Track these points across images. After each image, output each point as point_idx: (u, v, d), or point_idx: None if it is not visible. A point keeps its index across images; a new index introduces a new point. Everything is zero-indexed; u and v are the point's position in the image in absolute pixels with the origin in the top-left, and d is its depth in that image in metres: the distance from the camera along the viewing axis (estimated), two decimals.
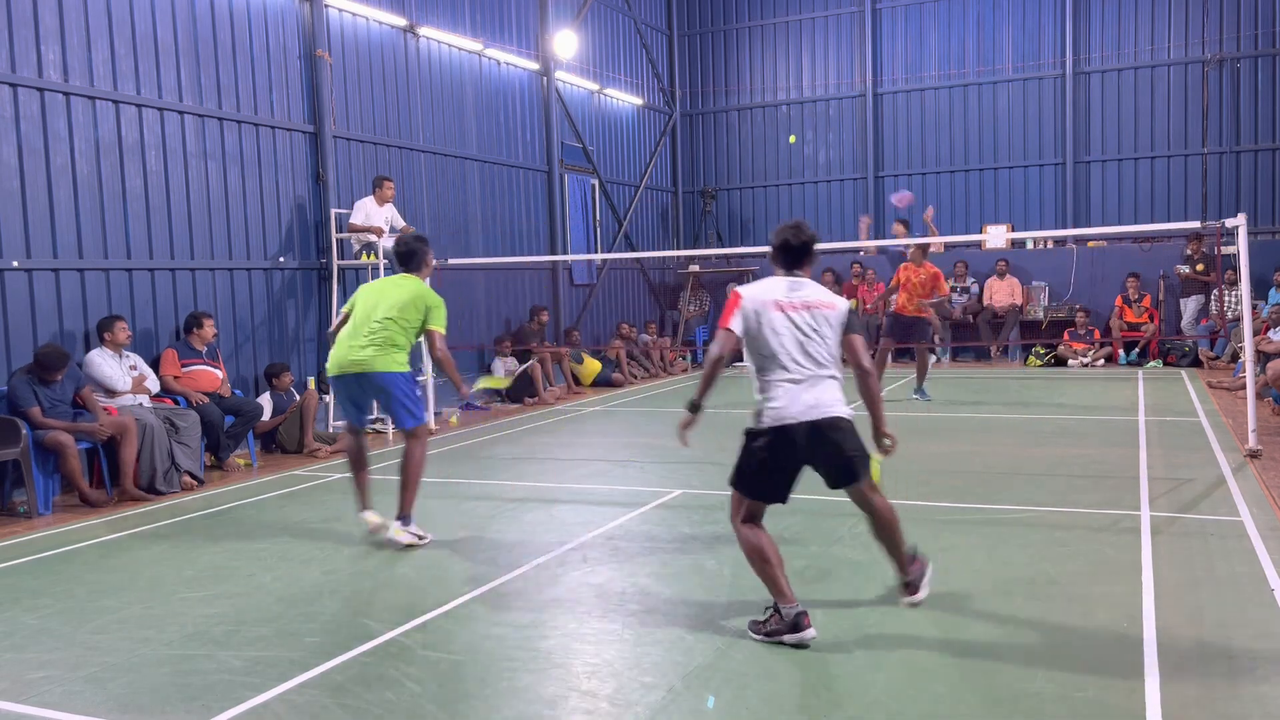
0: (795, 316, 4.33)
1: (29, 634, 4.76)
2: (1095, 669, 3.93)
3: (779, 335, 4.30)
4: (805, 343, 4.31)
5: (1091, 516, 6.35)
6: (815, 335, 4.33)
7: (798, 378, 4.27)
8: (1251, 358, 8.93)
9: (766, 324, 4.31)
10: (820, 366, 4.31)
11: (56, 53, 8.65)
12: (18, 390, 7.56)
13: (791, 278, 4.47)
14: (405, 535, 6.13)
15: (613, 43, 18.07)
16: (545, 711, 3.73)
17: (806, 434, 4.24)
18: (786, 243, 4.48)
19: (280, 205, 10.92)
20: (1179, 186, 17.23)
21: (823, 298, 4.42)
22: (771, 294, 4.38)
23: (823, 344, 4.34)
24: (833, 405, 4.29)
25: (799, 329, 4.31)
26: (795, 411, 4.24)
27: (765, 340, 4.31)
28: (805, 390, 4.26)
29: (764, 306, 4.34)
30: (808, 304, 4.36)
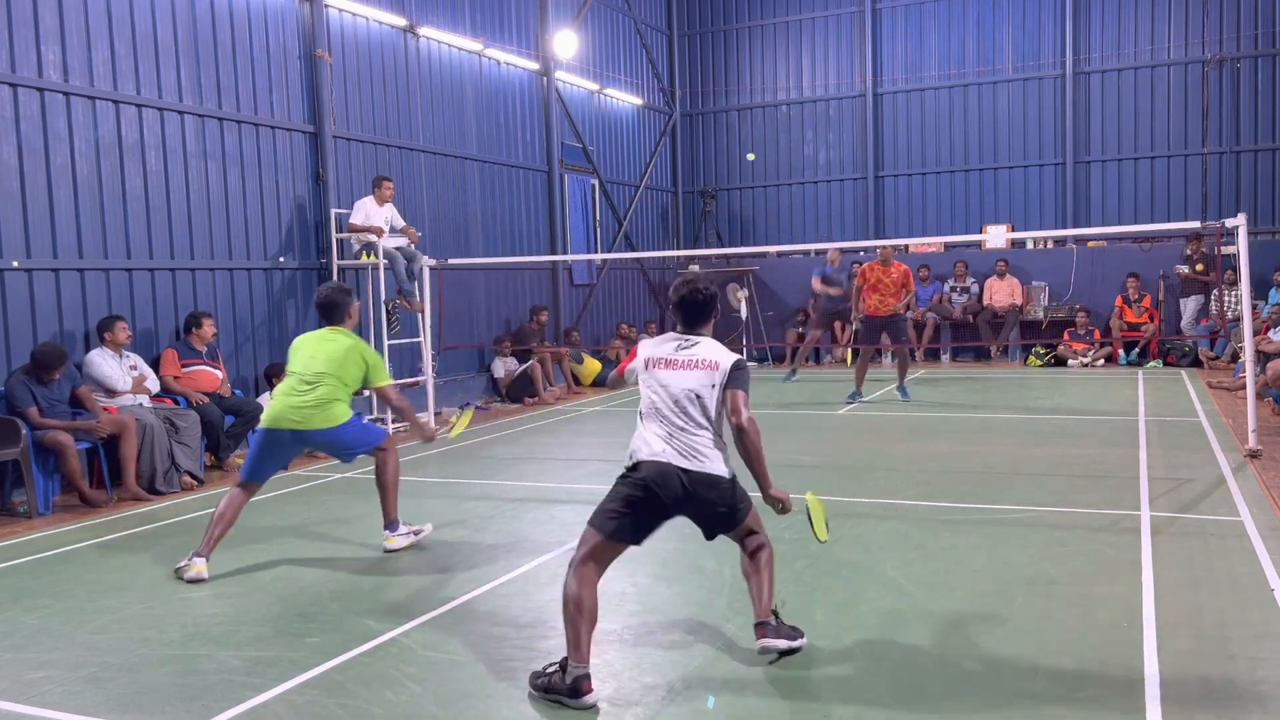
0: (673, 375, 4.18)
1: (29, 634, 4.77)
2: (1095, 669, 3.93)
3: (653, 393, 4.19)
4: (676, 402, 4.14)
5: (1091, 516, 6.35)
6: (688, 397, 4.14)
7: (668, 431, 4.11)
8: (1251, 358, 8.93)
9: (647, 380, 4.24)
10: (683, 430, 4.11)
11: (56, 53, 8.64)
12: (15, 391, 7.57)
13: (686, 336, 4.30)
14: (398, 540, 6.10)
15: (613, 43, 18.07)
16: (545, 711, 3.73)
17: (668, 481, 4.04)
18: (683, 299, 4.30)
19: (280, 205, 10.91)
20: (1179, 186, 17.23)
21: (708, 356, 4.19)
22: (660, 351, 4.27)
23: (695, 408, 4.13)
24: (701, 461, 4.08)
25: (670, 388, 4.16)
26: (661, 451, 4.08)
27: (644, 394, 4.24)
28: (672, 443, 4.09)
29: (650, 361, 4.26)
30: (693, 362, 4.18)
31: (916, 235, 18.49)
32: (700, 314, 4.33)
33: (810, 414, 11.59)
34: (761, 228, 20.08)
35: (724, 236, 20.01)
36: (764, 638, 4.10)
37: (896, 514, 6.51)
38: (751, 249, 18.85)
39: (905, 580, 5.11)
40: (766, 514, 4.36)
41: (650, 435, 4.14)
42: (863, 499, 6.99)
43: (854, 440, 9.62)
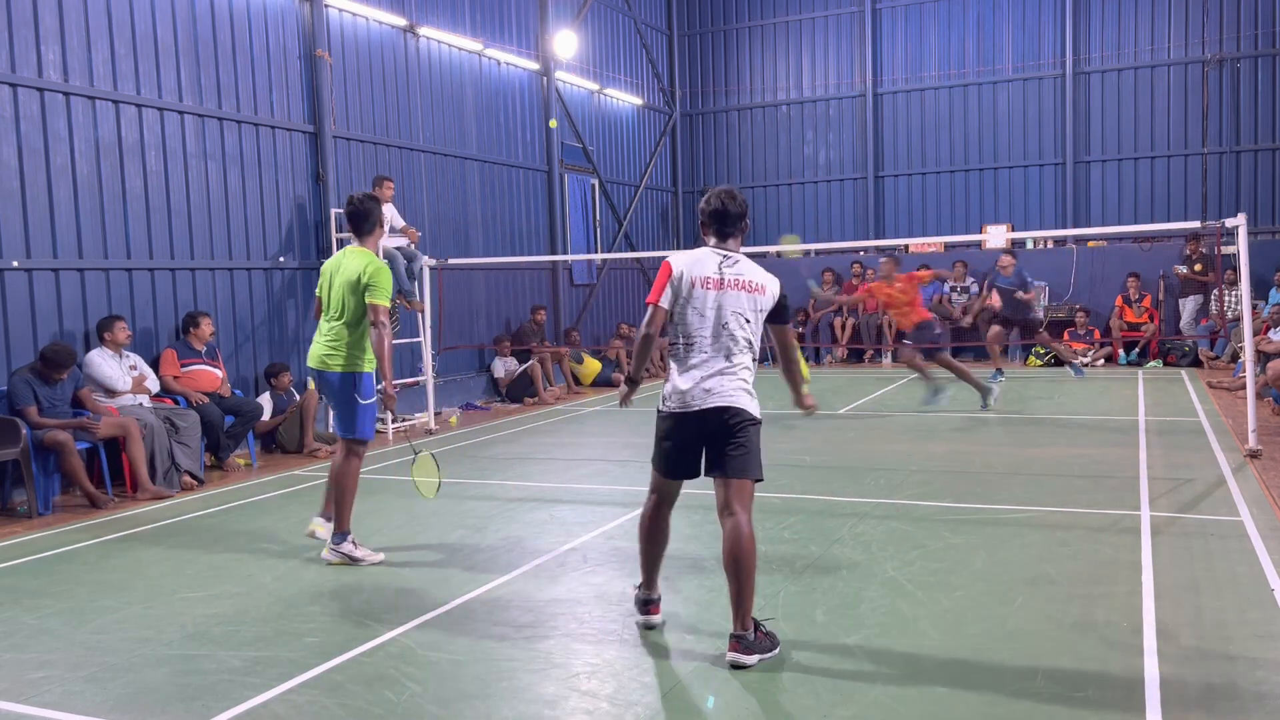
0: (722, 296, 4.15)
1: (29, 634, 4.76)
2: (1095, 669, 3.93)
3: (703, 316, 4.15)
4: (725, 325, 4.15)
5: (1091, 516, 6.35)
6: (737, 318, 4.15)
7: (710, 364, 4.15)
8: (1251, 358, 8.93)
9: (695, 302, 4.16)
10: (731, 354, 4.16)
11: (56, 53, 8.64)
12: (17, 389, 7.57)
13: (724, 252, 4.25)
14: (331, 553, 5.76)
15: (613, 43, 18.07)
16: (545, 711, 3.73)
17: (701, 419, 4.16)
18: (722, 208, 4.25)
19: (280, 205, 10.91)
20: (1179, 186, 17.23)
21: (755, 278, 4.20)
22: (702, 268, 4.17)
23: (742, 329, 4.17)
24: (734, 395, 4.16)
25: (721, 310, 4.14)
26: (697, 397, 4.15)
27: (686, 318, 4.18)
28: (712, 378, 4.14)
29: (694, 281, 4.16)
30: (739, 283, 4.17)
31: (916, 235, 18.49)
32: (736, 224, 4.29)
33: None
34: (761, 228, 20.06)
35: None
36: (736, 652, 4.02)
37: (896, 514, 6.51)
38: (751, 249, 18.77)
39: (905, 580, 5.11)
40: (777, 511, 4.35)
41: (689, 378, 4.16)
42: (863, 499, 6.99)
43: (854, 440, 9.62)
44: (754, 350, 4.25)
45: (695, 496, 7.18)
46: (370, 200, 5.87)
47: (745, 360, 4.23)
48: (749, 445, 4.20)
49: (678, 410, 4.19)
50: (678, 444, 4.24)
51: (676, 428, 4.22)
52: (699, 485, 7.28)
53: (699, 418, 4.16)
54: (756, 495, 4.34)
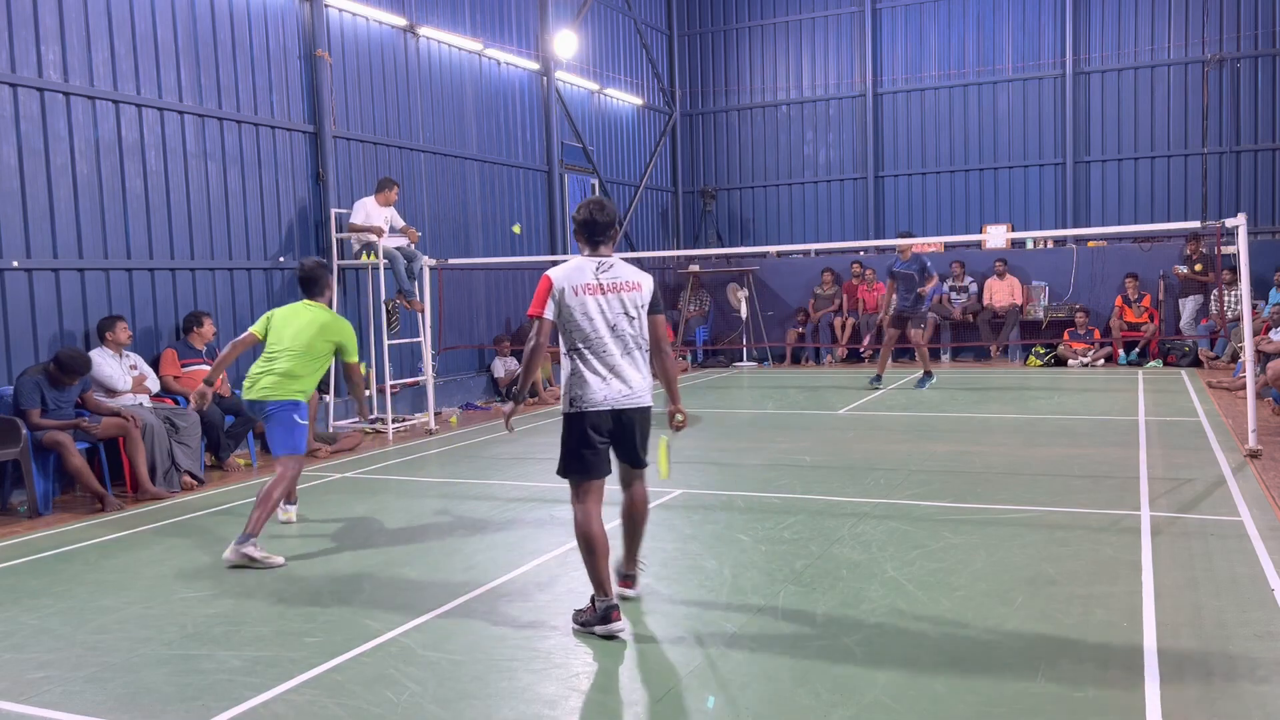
0: (603, 300, 4.47)
1: (29, 634, 4.77)
2: (1095, 669, 3.93)
3: (587, 319, 4.44)
4: (615, 327, 4.48)
5: (1091, 516, 6.35)
6: (623, 318, 4.49)
7: (609, 363, 4.47)
8: (1251, 358, 8.93)
9: (578, 308, 4.44)
10: (628, 351, 4.51)
11: (56, 53, 8.64)
12: (24, 390, 7.56)
13: (599, 258, 4.56)
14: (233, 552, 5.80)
15: (613, 43, 18.07)
16: (545, 711, 3.73)
17: (613, 419, 4.49)
18: (590, 219, 4.55)
19: (280, 205, 10.91)
20: (1179, 186, 17.23)
21: (630, 277, 4.56)
22: (581, 277, 4.47)
23: (630, 325, 4.51)
24: (641, 394, 4.55)
25: (605, 313, 4.46)
26: (604, 398, 4.46)
27: (577, 324, 4.45)
28: (614, 375, 4.47)
29: (574, 290, 4.44)
30: (616, 285, 4.51)
31: (916, 235, 18.46)
32: (605, 232, 4.59)
33: (810, 414, 11.59)
34: (761, 228, 20.08)
35: (724, 236, 20.02)
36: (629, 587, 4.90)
37: (896, 514, 6.51)
38: (751, 249, 18.85)
39: (905, 580, 5.12)
40: (777, 512, 4.35)
41: (598, 379, 4.46)
42: (863, 499, 6.99)
43: (854, 440, 9.62)
44: (643, 341, 4.59)
45: (696, 497, 7.20)
46: (321, 267, 6.55)
47: (642, 353, 4.59)
48: (648, 433, 4.69)
49: (592, 410, 4.46)
50: (596, 442, 4.51)
51: (593, 426, 4.48)
52: (700, 486, 7.26)
53: (615, 416, 4.51)
54: (754, 495, 4.40)
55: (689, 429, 4.94)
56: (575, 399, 4.48)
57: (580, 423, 4.48)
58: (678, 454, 9.10)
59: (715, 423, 11.03)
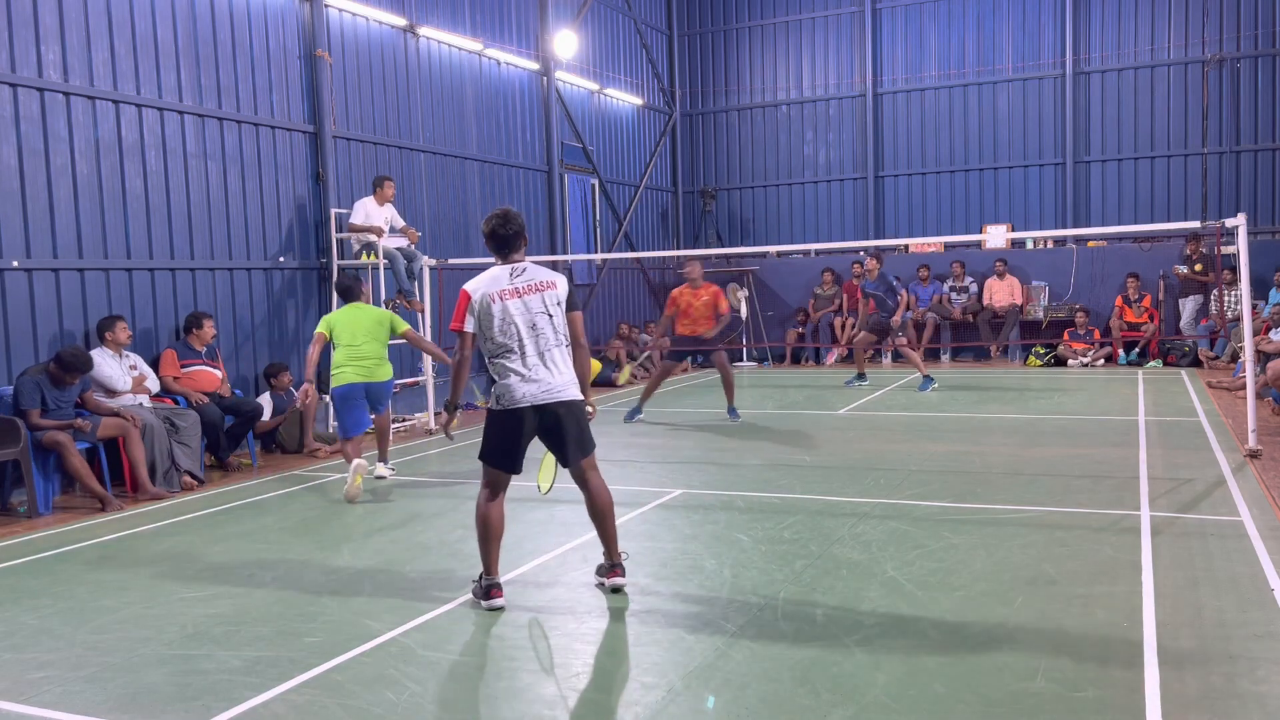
0: (521, 302, 4.77)
1: (29, 634, 4.77)
2: (1095, 669, 3.93)
3: (507, 323, 4.75)
4: (534, 326, 4.77)
5: (1091, 516, 6.35)
6: (542, 317, 4.78)
7: (529, 362, 4.75)
8: (1251, 358, 8.93)
9: (497, 314, 4.74)
10: (547, 349, 4.78)
11: (56, 53, 8.64)
12: (24, 390, 7.55)
13: (511, 264, 4.88)
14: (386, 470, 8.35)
15: (613, 43, 18.07)
16: (545, 711, 3.73)
17: (535, 415, 4.77)
18: (494, 231, 4.88)
19: (280, 205, 10.91)
20: (1179, 186, 17.23)
21: (543, 278, 4.84)
22: (497, 285, 4.79)
23: (549, 324, 4.80)
24: (564, 388, 4.81)
25: (527, 313, 4.77)
26: (525, 395, 4.74)
27: (498, 329, 4.75)
28: (534, 373, 4.75)
29: (491, 298, 4.76)
30: (532, 287, 4.81)
31: (916, 235, 18.50)
32: (514, 243, 4.93)
33: (810, 414, 11.59)
34: (761, 228, 20.08)
35: (724, 236, 20.01)
36: (619, 576, 5.01)
37: (896, 514, 6.51)
38: (751, 249, 18.85)
39: (905, 580, 5.12)
40: (777, 512, 4.35)
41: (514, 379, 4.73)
42: (863, 499, 6.99)
43: (854, 440, 9.62)
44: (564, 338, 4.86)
45: (696, 497, 7.20)
46: (354, 279, 8.55)
47: (562, 349, 4.84)
48: (583, 425, 4.93)
49: (515, 407, 4.75)
50: (516, 439, 4.80)
51: (516, 424, 4.77)
52: (700, 486, 7.27)
53: (539, 412, 4.78)
54: (754, 495, 4.40)
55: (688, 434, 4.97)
56: (500, 397, 4.79)
57: (501, 420, 4.81)
58: (677, 454, 9.10)
59: (715, 423, 11.02)
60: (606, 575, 5.05)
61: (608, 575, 5.04)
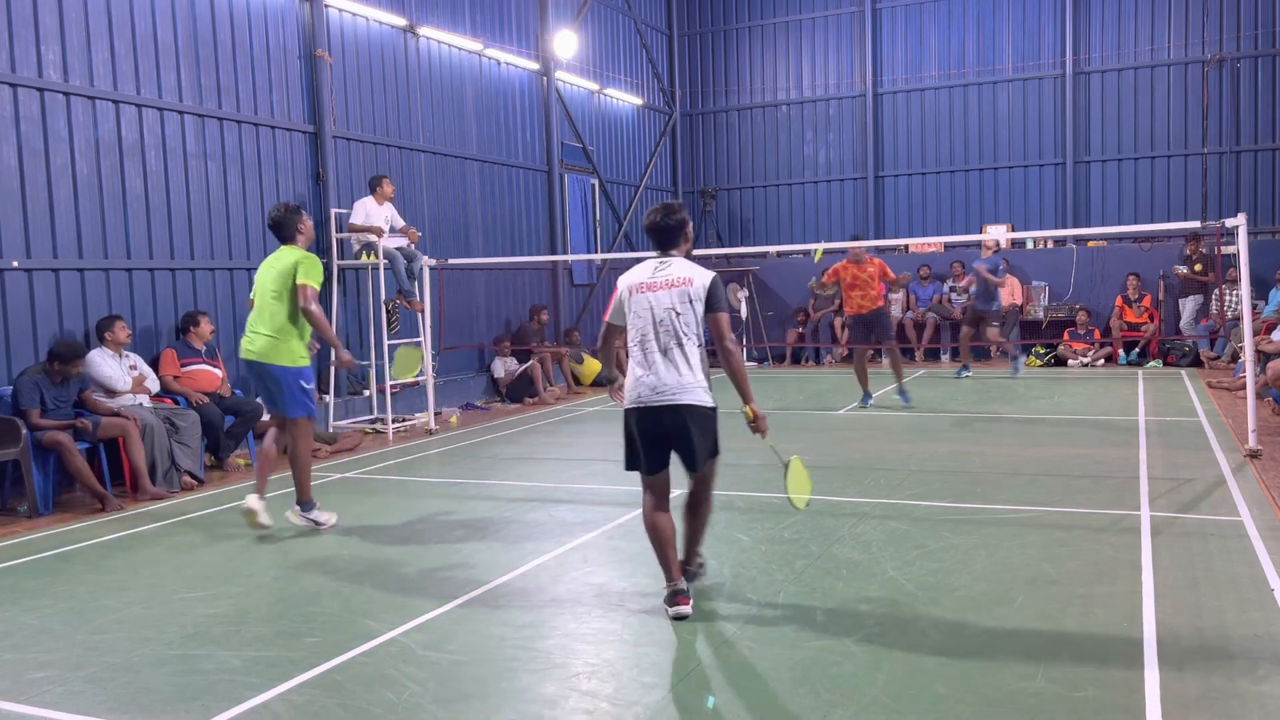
0: (653, 297, 4.59)
1: (29, 634, 4.76)
2: (1095, 669, 3.93)
3: (638, 318, 4.61)
4: (661, 322, 4.55)
5: (1091, 516, 6.35)
6: (669, 313, 4.55)
7: (649, 359, 4.56)
8: (1251, 358, 8.93)
9: (632, 308, 4.64)
10: (668, 346, 4.53)
11: (56, 53, 8.64)
12: (24, 390, 7.56)
13: (660, 259, 4.70)
14: (300, 518, 6.62)
15: (613, 43, 18.07)
16: (545, 711, 3.72)
17: (649, 417, 4.56)
18: (654, 224, 4.71)
19: None
20: (1179, 186, 17.23)
21: (682, 274, 4.59)
22: (639, 277, 4.67)
23: (675, 320, 4.53)
24: (677, 392, 4.51)
25: (654, 309, 4.58)
26: (637, 395, 4.58)
27: (632, 322, 4.65)
28: (650, 373, 4.55)
29: (630, 291, 4.66)
30: (669, 282, 4.59)
31: (916, 235, 18.50)
32: (670, 237, 4.71)
33: (810, 414, 11.59)
34: (761, 228, 20.08)
35: (724, 236, 20.01)
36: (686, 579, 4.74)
37: (896, 514, 6.51)
38: (751, 249, 18.85)
39: (905, 580, 5.12)
40: (777, 511, 4.35)
41: (638, 375, 4.57)
42: (863, 499, 6.99)
43: (854, 440, 9.62)
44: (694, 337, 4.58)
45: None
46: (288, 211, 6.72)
47: (688, 348, 4.55)
48: (705, 430, 4.61)
49: (629, 406, 4.63)
50: (632, 438, 4.64)
51: (630, 422, 4.63)
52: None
53: (651, 415, 4.58)
54: (754, 495, 4.38)
55: None
56: (626, 396, 4.67)
57: (625, 419, 4.68)
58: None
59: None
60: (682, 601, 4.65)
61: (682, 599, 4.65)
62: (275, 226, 6.67)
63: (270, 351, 6.42)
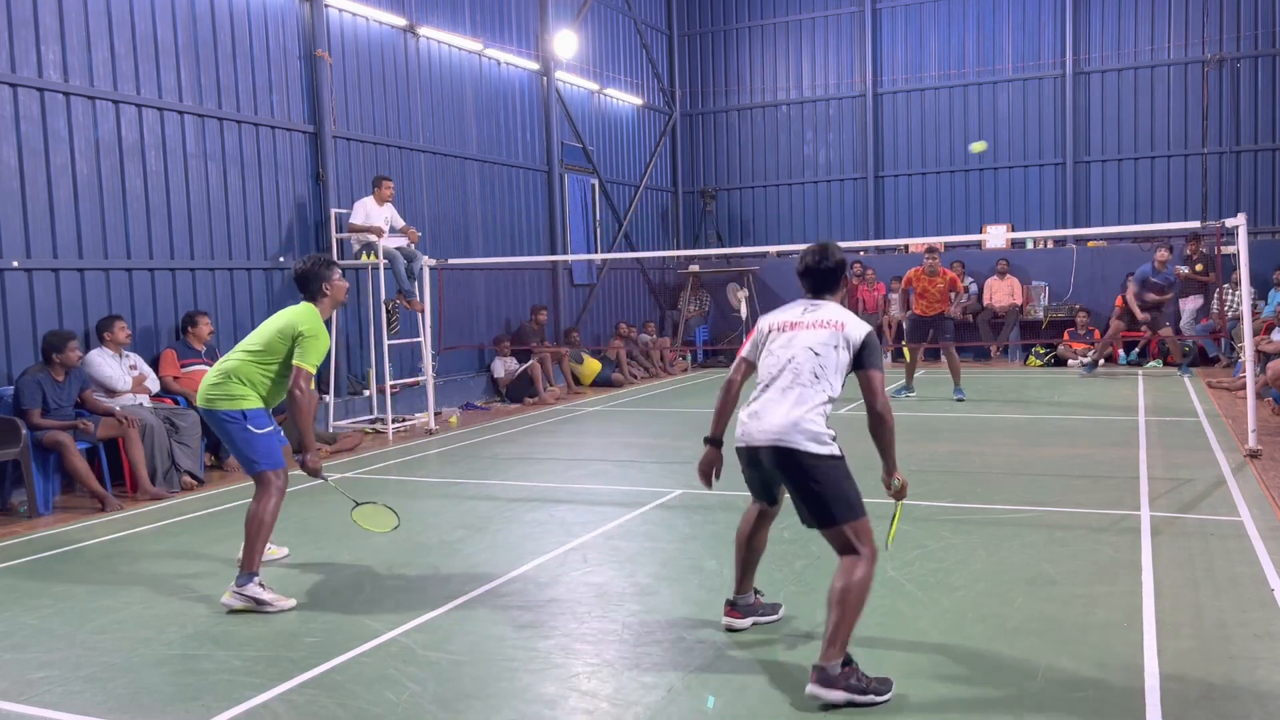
0: (796, 335, 4.09)
1: (29, 634, 4.76)
2: (1095, 669, 3.93)
3: (771, 356, 4.14)
4: (792, 359, 4.04)
5: (1091, 516, 6.35)
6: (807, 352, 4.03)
7: (768, 395, 4.06)
8: (1251, 358, 8.93)
9: (768, 346, 4.18)
10: (792, 385, 4.00)
11: (56, 53, 8.64)
12: (25, 389, 7.56)
13: (811, 301, 4.23)
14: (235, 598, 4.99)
15: (613, 43, 18.07)
16: (545, 711, 3.72)
17: (762, 457, 4.04)
18: (808, 269, 4.23)
19: (280, 205, 10.91)
20: (1179, 186, 17.23)
21: (834, 317, 4.08)
22: (784, 316, 4.21)
23: (813, 361, 4.01)
24: (780, 433, 3.94)
25: (792, 346, 4.07)
26: (741, 431, 4.12)
27: (760, 364, 4.21)
28: (764, 407, 4.04)
29: (771, 329, 4.21)
30: (816, 322, 4.08)
31: (916, 235, 18.49)
32: (826, 281, 4.22)
33: None
34: (761, 228, 20.07)
35: (724, 236, 20.01)
36: (812, 683, 3.69)
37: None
38: (751, 249, 18.84)
39: (905, 580, 5.12)
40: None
41: (749, 411, 4.09)
42: (863, 499, 6.97)
43: (854, 440, 9.58)
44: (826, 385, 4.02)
45: (696, 497, 7.19)
46: (320, 264, 5.48)
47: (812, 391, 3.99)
48: (821, 485, 3.93)
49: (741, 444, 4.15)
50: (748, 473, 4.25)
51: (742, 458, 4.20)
52: (700, 486, 7.29)
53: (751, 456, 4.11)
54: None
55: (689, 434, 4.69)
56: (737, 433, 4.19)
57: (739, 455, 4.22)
58: (677, 454, 9.09)
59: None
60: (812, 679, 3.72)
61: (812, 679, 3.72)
62: (300, 279, 5.45)
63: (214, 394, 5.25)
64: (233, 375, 5.24)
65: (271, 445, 5.30)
